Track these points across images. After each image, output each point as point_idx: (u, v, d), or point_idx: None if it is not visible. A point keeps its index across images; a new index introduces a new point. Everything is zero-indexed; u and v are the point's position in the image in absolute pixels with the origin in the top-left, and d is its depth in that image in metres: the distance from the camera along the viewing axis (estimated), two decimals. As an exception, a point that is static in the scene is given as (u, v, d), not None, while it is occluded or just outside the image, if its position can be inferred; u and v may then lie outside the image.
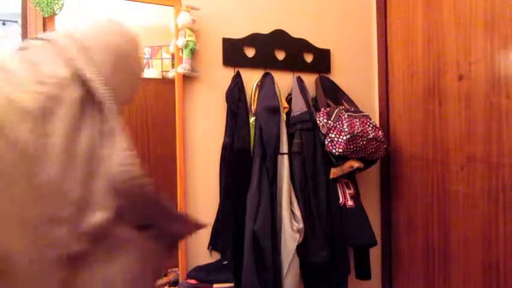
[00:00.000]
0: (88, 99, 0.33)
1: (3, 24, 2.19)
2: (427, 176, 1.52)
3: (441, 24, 1.44)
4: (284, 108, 1.47)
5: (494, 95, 1.24)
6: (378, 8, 1.77)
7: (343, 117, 1.43)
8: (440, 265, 1.47)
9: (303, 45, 1.61)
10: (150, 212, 0.37)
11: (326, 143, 1.43)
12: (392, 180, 1.75)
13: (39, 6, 1.20)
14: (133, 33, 0.46)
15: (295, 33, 1.59)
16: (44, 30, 1.23)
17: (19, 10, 1.23)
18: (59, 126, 0.29)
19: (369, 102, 1.78)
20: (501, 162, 1.22)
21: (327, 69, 1.66)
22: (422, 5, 1.54)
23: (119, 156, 0.33)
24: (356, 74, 1.76)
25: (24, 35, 1.22)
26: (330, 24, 1.70)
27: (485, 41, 1.26)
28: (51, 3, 1.21)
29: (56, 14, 1.23)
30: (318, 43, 1.64)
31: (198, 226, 0.52)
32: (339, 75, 1.69)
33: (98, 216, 0.31)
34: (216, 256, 1.44)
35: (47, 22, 1.23)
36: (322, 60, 1.65)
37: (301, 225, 1.35)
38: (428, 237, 1.53)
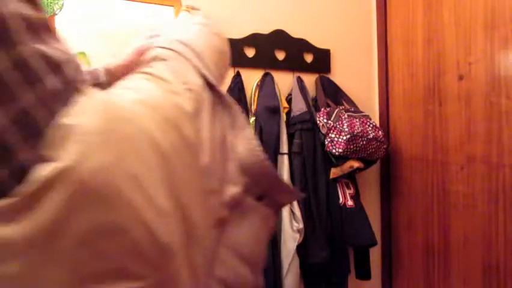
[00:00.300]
0: (214, 99, 0.43)
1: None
2: (427, 176, 1.52)
3: (442, 24, 1.44)
4: (284, 108, 1.47)
5: (494, 95, 1.24)
6: (378, 8, 1.77)
7: (343, 117, 1.43)
8: (440, 265, 1.47)
9: (303, 45, 1.61)
10: (268, 186, 0.47)
11: (326, 143, 1.43)
12: (392, 180, 1.75)
13: (39, 6, 1.20)
14: (225, 33, 0.55)
15: (295, 33, 1.59)
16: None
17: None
18: (204, 123, 0.39)
19: (369, 102, 1.78)
20: (501, 162, 1.22)
21: (327, 69, 1.66)
22: (422, 5, 1.54)
23: (246, 144, 0.43)
24: (356, 74, 1.76)
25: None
26: (330, 24, 1.70)
27: (485, 41, 1.26)
28: (51, 3, 1.21)
29: (56, 14, 1.23)
30: (318, 43, 1.64)
31: (298, 195, 0.64)
32: (339, 75, 1.69)
33: (233, 190, 0.41)
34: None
35: (47, 22, 1.23)
36: (322, 60, 1.65)
37: (301, 225, 1.35)
38: (428, 237, 1.53)
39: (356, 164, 1.45)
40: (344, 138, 1.38)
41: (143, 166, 0.31)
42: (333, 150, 1.41)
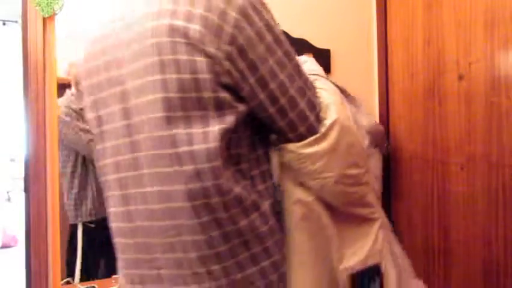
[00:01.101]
0: (343, 95, 0.75)
1: (4, 24, 2.19)
2: (427, 175, 1.52)
3: (442, 24, 1.44)
4: (284, 108, 1.47)
5: (494, 95, 1.24)
6: (378, 8, 1.77)
7: (343, 117, 1.44)
8: (440, 265, 1.47)
9: (303, 45, 1.61)
10: (379, 140, 0.94)
11: (326, 143, 1.43)
12: (391, 180, 1.75)
13: (40, 6, 1.20)
14: None
15: (295, 33, 1.59)
16: (44, 30, 1.23)
17: (19, 10, 1.23)
18: (347, 106, 0.74)
19: (369, 102, 1.78)
20: (501, 162, 1.22)
21: (327, 69, 1.66)
22: (422, 5, 1.54)
23: (367, 118, 0.96)
24: (356, 74, 1.76)
25: (25, 35, 1.22)
26: (330, 24, 1.70)
27: (485, 41, 1.26)
28: (51, 3, 1.21)
29: (56, 14, 1.23)
30: (318, 43, 1.64)
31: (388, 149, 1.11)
32: (339, 75, 1.69)
33: (365, 141, 0.77)
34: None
35: (47, 22, 1.23)
36: (322, 60, 1.64)
37: (301, 225, 1.35)
38: (427, 236, 1.53)
39: (356, 164, 1.46)
40: (344, 138, 1.38)
41: (350, 119, 0.68)
42: (333, 150, 1.41)
